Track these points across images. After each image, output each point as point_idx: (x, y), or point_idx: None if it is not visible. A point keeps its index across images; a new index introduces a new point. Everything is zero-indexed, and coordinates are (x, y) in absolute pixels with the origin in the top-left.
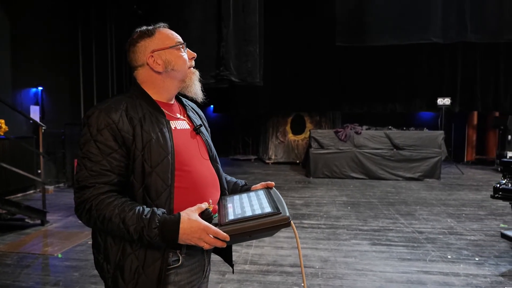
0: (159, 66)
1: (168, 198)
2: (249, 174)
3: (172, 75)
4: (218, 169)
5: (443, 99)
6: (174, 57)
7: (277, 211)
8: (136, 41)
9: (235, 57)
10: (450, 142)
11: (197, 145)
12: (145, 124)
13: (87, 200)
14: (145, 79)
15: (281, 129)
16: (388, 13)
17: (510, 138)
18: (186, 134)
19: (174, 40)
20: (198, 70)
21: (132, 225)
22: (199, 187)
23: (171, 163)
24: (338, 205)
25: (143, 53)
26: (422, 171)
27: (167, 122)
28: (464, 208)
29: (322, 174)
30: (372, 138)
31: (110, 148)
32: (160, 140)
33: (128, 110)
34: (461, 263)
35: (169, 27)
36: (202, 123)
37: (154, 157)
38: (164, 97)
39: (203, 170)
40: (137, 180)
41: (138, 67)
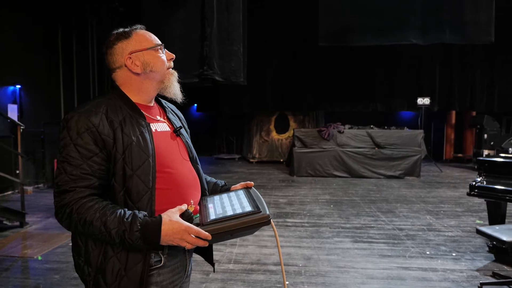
0: (138, 67)
1: (149, 200)
2: (233, 173)
3: (151, 76)
4: (198, 170)
5: (422, 99)
6: (152, 58)
7: (258, 209)
8: (113, 43)
9: (219, 57)
10: (430, 140)
11: (178, 147)
12: (126, 127)
13: (67, 204)
14: (124, 81)
15: (265, 128)
16: (369, 14)
17: (486, 137)
18: (166, 136)
19: (152, 42)
20: (181, 69)
21: (114, 228)
22: (181, 188)
23: (152, 166)
24: (321, 203)
25: (120, 55)
26: (402, 169)
27: (147, 125)
28: (442, 205)
29: (305, 173)
30: (354, 137)
31: (91, 152)
32: (140, 143)
33: (108, 113)
34: (439, 258)
35: (146, 29)
36: (181, 124)
37: (135, 160)
38: (143, 99)
39: (184, 171)
40: (118, 183)
41: (116, 69)
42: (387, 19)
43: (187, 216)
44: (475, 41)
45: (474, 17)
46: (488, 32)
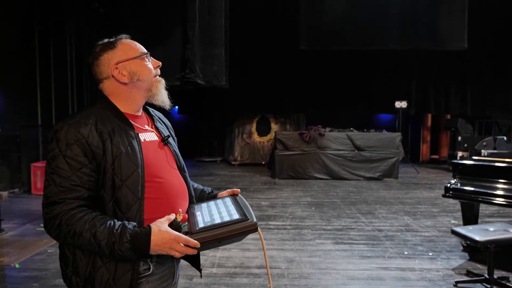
0: (125, 77)
1: (138, 210)
2: (215, 176)
3: (138, 85)
4: (186, 178)
5: (400, 103)
6: (139, 67)
7: (245, 217)
8: (99, 54)
9: (201, 60)
10: (407, 142)
11: (166, 156)
12: (115, 138)
13: (56, 216)
14: (112, 91)
15: (246, 131)
16: (349, 19)
17: (460, 139)
18: (154, 145)
19: (138, 51)
20: (163, 72)
21: (103, 239)
22: (170, 197)
23: (141, 176)
24: (302, 205)
25: (107, 65)
26: (381, 171)
27: (136, 135)
28: (419, 206)
29: (287, 175)
30: (334, 139)
31: (80, 163)
32: (129, 153)
33: (98, 124)
34: (417, 258)
35: (131, 38)
36: (169, 133)
37: (124, 171)
38: (132, 108)
39: (173, 180)
40: (107, 194)
41: (103, 79)
42: (366, 25)
43: (176, 226)
44: (449, 47)
45: (448, 24)
46: (461, 39)
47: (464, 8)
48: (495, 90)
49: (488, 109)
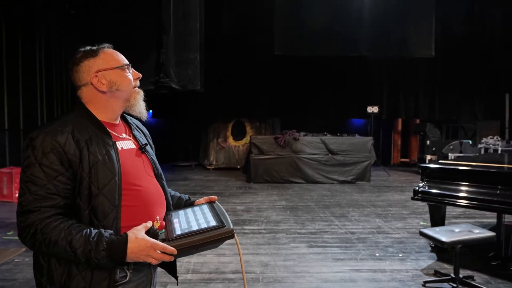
0: (104, 85)
1: (115, 218)
2: (189, 181)
3: (117, 95)
4: (163, 185)
5: (372, 107)
6: (119, 77)
7: (222, 224)
8: (80, 60)
9: (175, 64)
10: (379, 146)
11: (143, 164)
12: (92, 146)
13: (31, 224)
14: (89, 99)
15: (222, 135)
16: (323, 26)
17: (428, 143)
18: (132, 153)
19: (120, 61)
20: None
21: (79, 248)
22: (147, 205)
23: (118, 184)
24: (277, 209)
25: (87, 72)
26: (354, 175)
27: (113, 143)
28: (391, 208)
29: (262, 179)
30: (309, 144)
31: (56, 172)
32: (106, 161)
33: (75, 132)
34: (387, 260)
35: (113, 48)
36: (147, 141)
37: (101, 179)
38: (109, 117)
39: (151, 187)
40: (83, 202)
41: (81, 86)
42: (339, 32)
43: (153, 233)
44: (417, 55)
45: (416, 33)
46: (429, 47)
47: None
48: (461, 96)
49: (454, 114)
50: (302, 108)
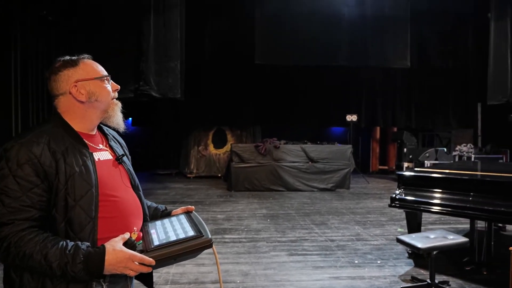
0: (83, 96)
1: (92, 230)
2: (170, 189)
3: (95, 106)
4: (140, 196)
5: (351, 116)
6: (98, 88)
7: (200, 234)
8: (59, 69)
9: (156, 73)
10: (358, 154)
11: (120, 175)
12: (68, 157)
13: (5, 237)
14: (67, 108)
15: (202, 143)
16: (303, 37)
17: (405, 151)
18: (109, 164)
19: (99, 73)
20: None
21: (55, 261)
22: (125, 216)
23: (95, 196)
24: (258, 218)
25: (65, 82)
26: (334, 182)
27: (90, 155)
28: (369, 215)
29: (243, 188)
30: (289, 152)
31: (31, 184)
32: (83, 173)
33: (51, 144)
34: (366, 266)
35: (93, 59)
36: (124, 151)
37: (78, 190)
38: (86, 127)
39: (128, 198)
40: (59, 214)
41: (59, 95)
42: (319, 43)
43: (130, 244)
44: (394, 65)
45: (392, 44)
46: (405, 58)
47: (407, 30)
48: (435, 106)
49: (430, 123)
50: (283, 117)
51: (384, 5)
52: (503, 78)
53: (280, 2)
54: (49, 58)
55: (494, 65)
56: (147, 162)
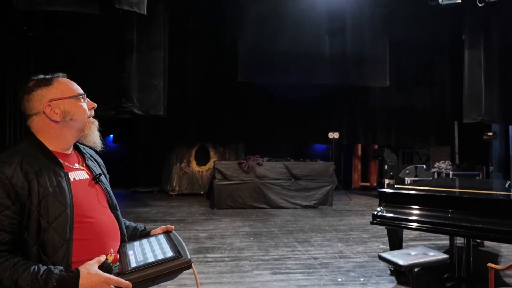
0: (57, 115)
1: (66, 253)
2: (151, 207)
3: (70, 125)
4: (118, 216)
5: (333, 133)
6: (73, 107)
7: (179, 254)
8: (32, 89)
9: (138, 90)
10: (340, 171)
11: (96, 195)
12: (42, 178)
13: None
14: (41, 128)
15: (185, 160)
16: (285, 56)
17: (386, 168)
18: (85, 184)
19: (74, 91)
20: (98, 100)
21: (26, 286)
22: (101, 237)
23: (69, 217)
24: (241, 236)
25: (39, 101)
26: (317, 199)
27: (65, 174)
28: (352, 232)
29: (226, 205)
30: (272, 169)
31: (2, 206)
32: (57, 193)
33: (23, 164)
34: (349, 284)
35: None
36: (101, 170)
37: (52, 212)
38: (61, 147)
39: (104, 219)
40: (31, 237)
41: (33, 115)
42: (300, 61)
43: (106, 267)
44: (374, 83)
45: (372, 64)
46: (384, 77)
47: (385, 50)
48: (414, 123)
49: (409, 140)
50: (266, 134)
51: (364, 30)
52: (477, 99)
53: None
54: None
55: (469, 87)
56: (128, 180)
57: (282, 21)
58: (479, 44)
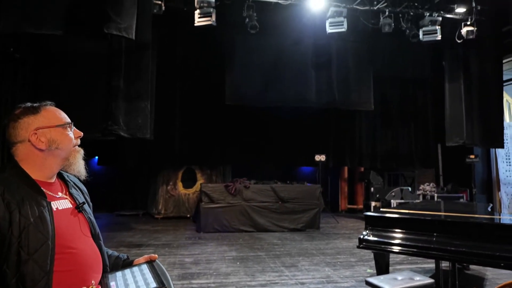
0: (43, 144)
1: (46, 285)
2: (135, 231)
3: (56, 153)
4: (100, 246)
5: (319, 156)
6: (59, 136)
7: (162, 285)
8: (18, 117)
9: (125, 113)
10: (327, 193)
11: (79, 224)
12: (23, 208)
13: None
14: (25, 156)
15: (171, 182)
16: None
17: (372, 190)
18: (67, 214)
19: (62, 120)
20: (83, 123)
21: None
22: (82, 269)
23: (51, 248)
24: (227, 260)
25: (25, 129)
26: (304, 222)
27: (48, 204)
28: (339, 256)
29: (212, 229)
30: (259, 191)
31: None
32: (39, 224)
33: (5, 194)
34: None
35: (55, 106)
36: (85, 199)
37: (32, 243)
38: (45, 176)
39: (86, 249)
40: (10, 269)
41: (17, 143)
42: (287, 84)
43: None
44: (359, 107)
45: (357, 88)
46: (369, 101)
47: (370, 75)
48: (399, 146)
49: (394, 163)
50: (253, 156)
51: (348, 62)
52: (458, 123)
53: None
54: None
55: (450, 114)
56: (112, 203)
57: (269, 52)
58: (459, 77)
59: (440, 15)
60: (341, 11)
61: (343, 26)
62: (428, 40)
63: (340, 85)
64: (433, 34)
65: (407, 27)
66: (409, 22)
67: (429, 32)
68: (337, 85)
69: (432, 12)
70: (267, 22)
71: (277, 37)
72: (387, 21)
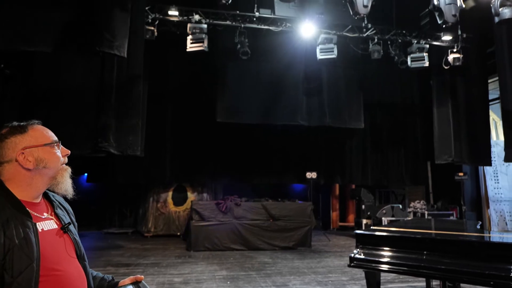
0: (30, 163)
1: None
2: (124, 250)
3: (43, 172)
4: (85, 267)
5: (310, 173)
6: (47, 154)
7: None
8: (5, 136)
9: (116, 130)
10: (319, 211)
11: (64, 245)
12: (8, 230)
13: None
14: (12, 176)
15: (161, 200)
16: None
17: (363, 207)
18: (53, 235)
19: (49, 138)
20: (73, 140)
21: None
22: None
23: (35, 271)
24: (218, 280)
25: (12, 149)
26: (295, 240)
27: (33, 225)
28: (331, 275)
29: (203, 247)
30: (250, 209)
31: None
32: (24, 246)
33: None
34: None
35: (42, 124)
36: (70, 219)
37: (16, 266)
38: (31, 195)
39: (71, 271)
40: None
41: (4, 163)
42: (278, 102)
43: None
44: (349, 125)
45: (348, 107)
46: (359, 119)
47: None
48: (389, 163)
49: (385, 180)
50: (244, 174)
51: (340, 88)
52: (447, 142)
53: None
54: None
55: (439, 135)
56: (101, 221)
57: (261, 77)
58: (447, 102)
59: (427, 43)
60: (331, 38)
61: (333, 53)
62: (416, 67)
63: (330, 106)
64: (421, 61)
65: (396, 54)
66: (397, 49)
67: (417, 59)
68: (328, 106)
69: (420, 40)
70: (259, 48)
71: (268, 63)
72: (376, 48)
